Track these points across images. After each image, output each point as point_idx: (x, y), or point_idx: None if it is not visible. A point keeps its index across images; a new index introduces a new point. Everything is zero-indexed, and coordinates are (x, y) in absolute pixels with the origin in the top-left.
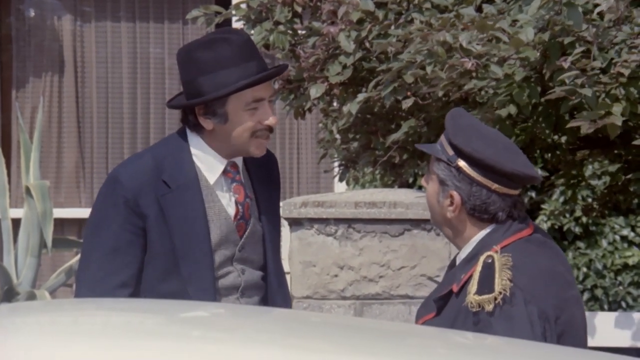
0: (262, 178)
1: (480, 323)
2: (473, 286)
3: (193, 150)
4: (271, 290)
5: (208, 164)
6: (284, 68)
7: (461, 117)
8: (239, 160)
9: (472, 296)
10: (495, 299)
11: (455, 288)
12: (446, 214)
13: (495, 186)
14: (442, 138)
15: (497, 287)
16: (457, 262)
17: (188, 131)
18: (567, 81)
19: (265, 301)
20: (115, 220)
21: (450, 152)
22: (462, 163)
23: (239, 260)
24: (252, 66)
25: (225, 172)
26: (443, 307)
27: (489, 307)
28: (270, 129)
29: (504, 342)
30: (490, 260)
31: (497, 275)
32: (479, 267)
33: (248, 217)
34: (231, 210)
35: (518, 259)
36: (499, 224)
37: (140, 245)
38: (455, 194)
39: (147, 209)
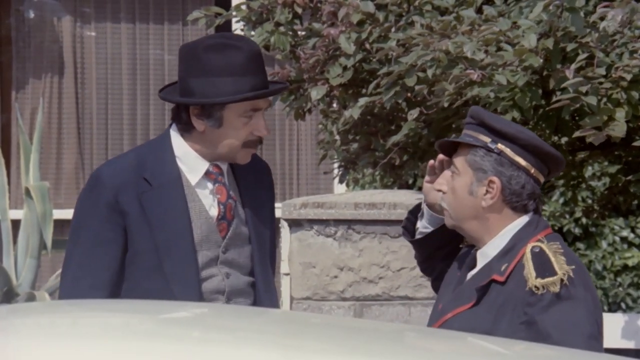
0: (250, 182)
1: (538, 305)
2: (530, 272)
3: (176, 152)
4: (258, 294)
5: (190, 165)
6: (286, 87)
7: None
8: (223, 163)
9: (535, 280)
10: (562, 280)
11: (499, 278)
12: (480, 204)
13: (533, 170)
14: (469, 131)
15: (559, 270)
16: (479, 257)
17: (172, 133)
18: (570, 90)
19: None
20: (94, 220)
21: (487, 138)
22: (502, 147)
23: (223, 263)
24: (257, 79)
25: (207, 174)
26: (482, 298)
27: (555, 289)
28: (260, 140)
29: (504, 343)
30: (538, 250)
31: (553, 260)
32: (528, 255)
33: (231, 217)
34: (214, 211)
35: (564, 248)
36: (528, 215)
37: (121, 244)
38: (495, 179)
39: (127, 206)
